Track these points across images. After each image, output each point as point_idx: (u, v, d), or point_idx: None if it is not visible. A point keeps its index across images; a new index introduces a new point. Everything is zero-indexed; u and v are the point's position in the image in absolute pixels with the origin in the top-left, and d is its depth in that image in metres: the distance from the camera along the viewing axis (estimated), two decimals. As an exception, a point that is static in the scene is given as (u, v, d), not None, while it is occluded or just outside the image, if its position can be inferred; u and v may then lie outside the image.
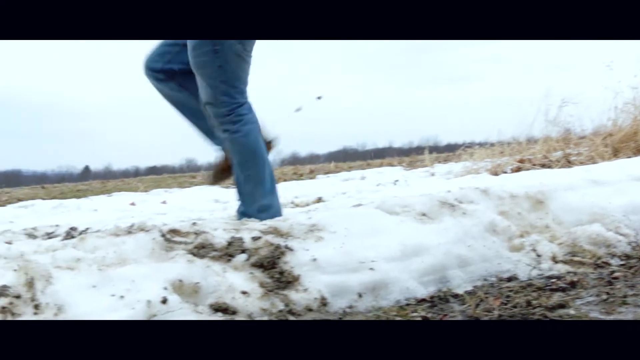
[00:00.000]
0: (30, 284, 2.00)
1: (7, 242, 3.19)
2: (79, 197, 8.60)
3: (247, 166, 3.21)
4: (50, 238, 3.32)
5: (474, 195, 3.44)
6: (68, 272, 2.11)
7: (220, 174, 3.43)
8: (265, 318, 2.27)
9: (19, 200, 8.77)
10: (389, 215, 3.11)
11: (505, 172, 6.98)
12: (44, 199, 8.44)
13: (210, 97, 3.15)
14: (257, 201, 3.23)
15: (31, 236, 3.52)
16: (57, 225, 3.92)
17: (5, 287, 1.98)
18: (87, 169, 69.62)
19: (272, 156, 3.41)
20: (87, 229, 3.40)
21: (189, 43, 3.14)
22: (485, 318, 2.29)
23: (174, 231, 2.66)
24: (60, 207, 6.15)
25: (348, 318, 2.38)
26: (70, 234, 3.11)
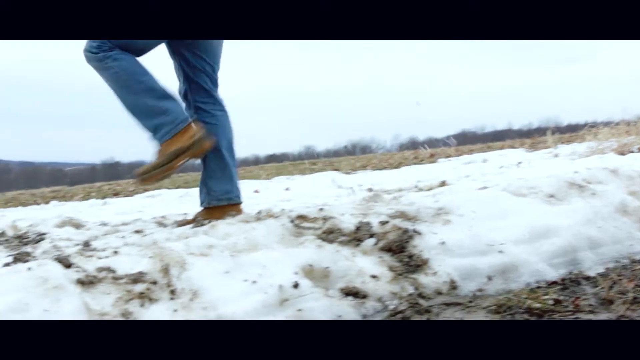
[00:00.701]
0: (165, 270, 2.04)
1: (137, 231, 3.30)
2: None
3: (130, 90, 3.14)
4: (180, 226, 3.40)
5: (603, 176, 3.32)
6: (201, 259, 2.15)
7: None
8: (396, 302, 2.23)
9: (146, 190, 9.09)
10: (515, 197, 3.04)
11: (632, 152, 6.67)
12: (169, 188, 8.70)
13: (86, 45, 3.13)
14: (153, 111, 3.15)
15: (161, 225, 3.62)
16: (185, 214, 4.02)
17: (141, 273, 2.03)
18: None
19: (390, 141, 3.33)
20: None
21: None
22: (620, 300, 2.17)
23: (302, 217, 2.67)
24: (186, 196, 6.31)
25: (478, 301, 2.31)
26: (201, 221, 3.17)
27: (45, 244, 3.21)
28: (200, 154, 3.26)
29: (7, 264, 2.38)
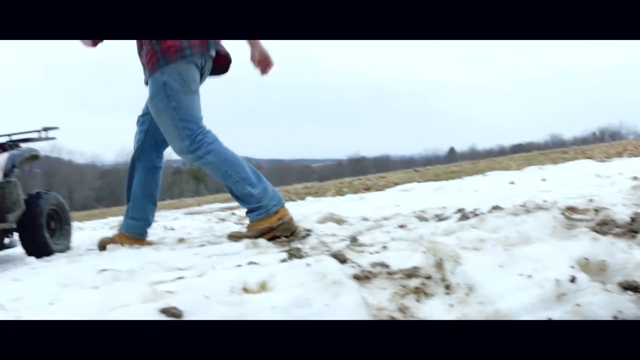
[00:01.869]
0: (439, 265, 2.03)
1: (401, 225, 3.34)
2: (452, 178, 8.79)
3: (229, 175, 3.59)
4: (441, 220, 3.39)
5: None
6: (474, 253, 2.11)
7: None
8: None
9: (396, 184, 9.23)
10: None
11: None
12: (419, 181, 8.77)
13: (175, 136, 3.58)
14: (252, 195, 3.60)
15: (422, 219, 3.63)
16: (443, 207, 4.00)
17: (415, 268, 2.04)
18: (452, 150, 71.54)
19: None
20: (476, 209, 3.39)
21: (149, 96, 3.61)
22: None
23: (571, 209, 2.54)
24: (440, 189, 6.32)
25: None
26: (465, 215, 3.14)
27: (312, 239, 3.36)
28: (286, 233, 3.62)
29: (283, 260, 2.52)
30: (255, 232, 3.59)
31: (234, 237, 3.62)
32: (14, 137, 4.41)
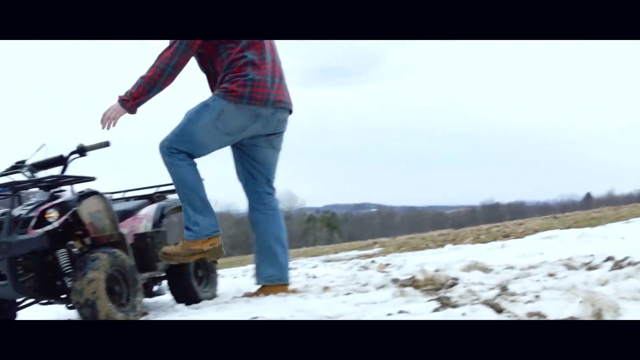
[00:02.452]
0: (598, 315, 2.00)
1: (550, 274, 3.28)
2: (594, 225, 8.47)
3: (180, 193, 3.91)
4: (591, 269, 3.31)
5: None
6: (635, 303, 2.06)
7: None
8: None
9: (536, 231, 8.98)
10: None
11: None
12: (560, 228, 8.51)
13: (174, 133, 3.82)
14: (190, 218, 3.88)
15: (570, 267, 3.56)
16: (591, 255, 3.89)
17: (572, 318, 2.01)
18: (589, 195, 68.74)
19: None
20: (627, 257, 3.29)
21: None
22: None
23: None
24: (584, 236, 6.10)
25: None
26: (618, 264, 3.05)
27: (459, 288, 3.35)
28: (214, 257, 4.13)
29: (436, 309, 2.54)
30: (186, 251, 3.89)
31: (167, 254, 3.93)
32: (161, 189, 4.66)
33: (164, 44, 3.79)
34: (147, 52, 4.09)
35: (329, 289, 4.02)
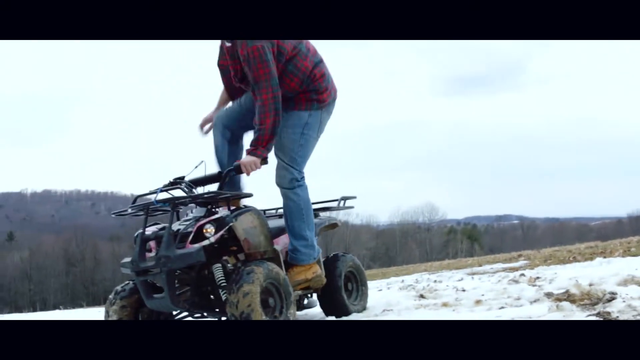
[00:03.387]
0: None
1: None
2: None
3: (302, 213, 4.06)
4: None
5: None
6: None
7: None
8: None
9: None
10: None
11: None
12: None
13: (286, 166, 4.00)
14: (306, 239, 4.09)
15: None
16: None
17: None
18: None
19: None
20: None
21: (286, 123, 3.93)
22: None
23: None
24: None
25: None
26: None
27: (618, 303, 3.21)
28: (318, 285, 4.22)
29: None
30: (294, 282, 4.01)
31: None
32: (315, 207, 4.73)
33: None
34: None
35: (481, 302, 3.96)
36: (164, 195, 3.82)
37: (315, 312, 4.65)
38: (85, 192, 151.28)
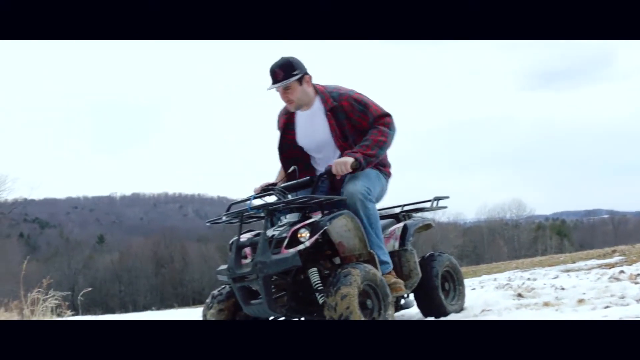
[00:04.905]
0: None
1: None
2: None
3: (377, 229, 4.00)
4: None
5: None
6: None
7: None
8: None
9: None
10: None
11: None
12: None
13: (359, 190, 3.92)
14: (382, 248, 4.02)
15: None
16: None
17: None
18: None
19: None
20: None
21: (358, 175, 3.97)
22: None
23: None
24: None
25: None
26: None
27: None
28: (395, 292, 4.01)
29: None
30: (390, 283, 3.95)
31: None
32: (406, 208, 4.71)
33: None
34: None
35: (584, 301, 3.86)
36: (257, 202, 3.86)
37: (412, 312, 4.63)
38: (173, 194, 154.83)
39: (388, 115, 4.05)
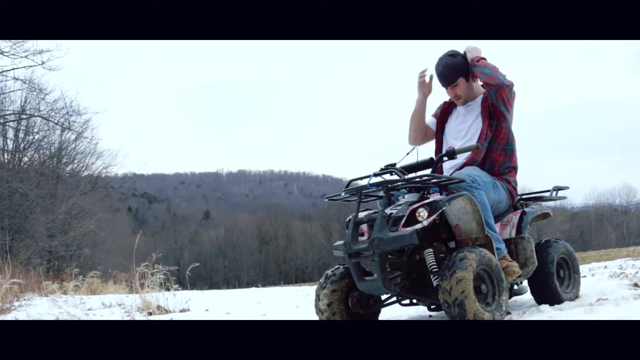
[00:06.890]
0: None
1: None
2: None
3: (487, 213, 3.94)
4: None
5: None
6: None
7: None
8: None
9: None
10: None
11: None
12: None
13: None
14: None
15: None
16: None
17: None
18: None
19: None
20: None
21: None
22: None
23: None
24: None
25: None
26: None
27: None
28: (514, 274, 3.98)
29: None
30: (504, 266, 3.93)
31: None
32: (525, 196, 4.63)
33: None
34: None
35: None
36: (377, 179, 3.88)
37: (525, 299, 4.55)
38: (279, 172, 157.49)
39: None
